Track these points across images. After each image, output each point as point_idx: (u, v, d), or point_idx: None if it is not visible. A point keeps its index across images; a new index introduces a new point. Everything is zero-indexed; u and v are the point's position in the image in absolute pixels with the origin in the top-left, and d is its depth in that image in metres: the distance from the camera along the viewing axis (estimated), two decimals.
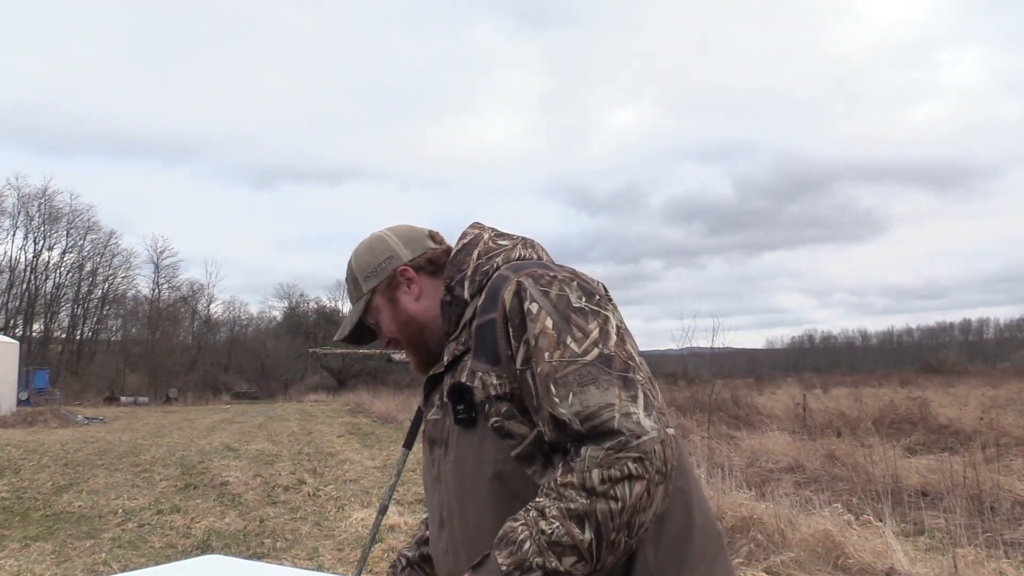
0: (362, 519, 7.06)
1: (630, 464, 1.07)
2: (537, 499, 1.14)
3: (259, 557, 5.81)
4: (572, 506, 1.08)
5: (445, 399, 1.33)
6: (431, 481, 1.38)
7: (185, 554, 5.92)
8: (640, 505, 1.08)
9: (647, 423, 1.09)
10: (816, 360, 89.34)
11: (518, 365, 1.21)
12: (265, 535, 6.65)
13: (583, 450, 1.10)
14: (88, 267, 50.86)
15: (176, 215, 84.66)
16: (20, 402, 26.09)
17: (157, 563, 3.66)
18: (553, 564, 1.08)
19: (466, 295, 1.35)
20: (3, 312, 46.74)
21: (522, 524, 1.12)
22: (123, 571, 5.42)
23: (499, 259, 1.37)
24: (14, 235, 49.60)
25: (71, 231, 49.70)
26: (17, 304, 47.58)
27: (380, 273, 1.45)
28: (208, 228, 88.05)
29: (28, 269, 47.97)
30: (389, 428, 18.11)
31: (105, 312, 52.76)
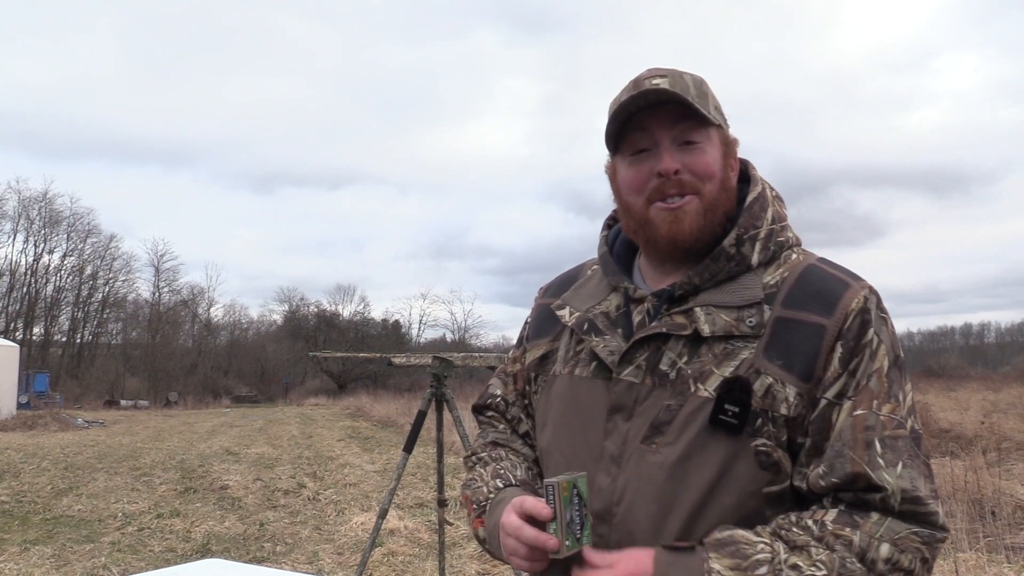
0: (362, 523, 7.04)
1: (919, 561, 0.95)
2: (790, 528, 0.97)
3: (259, 561, 5.80)
4: (848, 566, 0.93)
5: (671, 373, 1.05)
6: (595, 456, 1.09)
7: (185, 558, 5.91)
8: None
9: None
10: None
11: (829, 395, 1.00)
12: (265, 539, 6.64)
13: (879, 515, 0.96)
14: (88, 270, 50.88)
15: (177, 219, 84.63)
16: (20, 406, 26.07)
17: (156, 567, 3.65)
18: None
19: (754, 259, 1.09)
20: (3, 316, 46.74)
21: (765, 544, 0.96)
22: (123, 575, 5.41)
23: (791, 233, 1.14)
24: (15, 238, 49.58)
25: (71, 234, 49.74)
26: (17, 308, 47.58)
27: (725, 122, 1.14)
28: (208, 232, 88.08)
29: (28, 272, 48.01)
30: (389, 432, 18.08)
31: (105, 316, 52.75)
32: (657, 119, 1.08)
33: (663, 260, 1.15)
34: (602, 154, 1.18)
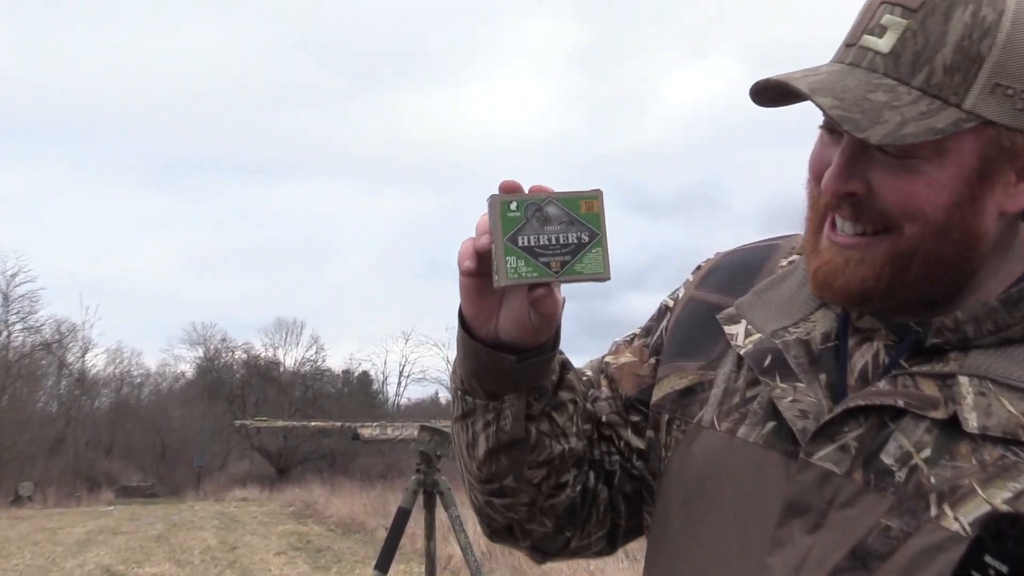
0: None
1: None
2: None
3: None
4: None
5: (897, 473, 0.99)
6: (760, 569, 1.06)
7: None
8: None
9: None
10: None
11: None
12: None
13: None
14: None
15: (37, 224, 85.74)
16: None
17: None
18: None
19: None
20: None
21: None
22: None
23: None
24: None
25: None
26: None
27: (1010, 111, 0.99)
28: (85, 243, 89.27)
29: None
30: (353, 541, 18.10)
31: None
32: None
33: None
34: (662, 131, 1.12)
